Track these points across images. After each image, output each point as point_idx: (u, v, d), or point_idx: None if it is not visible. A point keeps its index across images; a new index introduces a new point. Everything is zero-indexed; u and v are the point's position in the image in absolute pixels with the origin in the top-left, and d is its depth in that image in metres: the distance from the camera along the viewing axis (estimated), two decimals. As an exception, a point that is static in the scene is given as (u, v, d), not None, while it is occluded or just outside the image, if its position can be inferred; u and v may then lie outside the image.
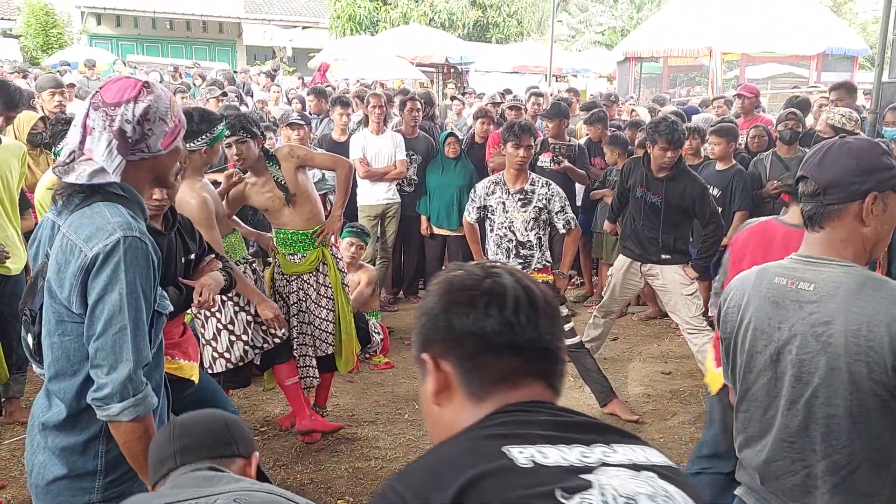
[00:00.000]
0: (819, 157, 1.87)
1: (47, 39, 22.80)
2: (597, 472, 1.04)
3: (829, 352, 1.78)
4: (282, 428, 4.61)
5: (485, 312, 1.16)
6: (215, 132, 3.89)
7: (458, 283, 1.20)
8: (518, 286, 1.19)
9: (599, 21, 31.73)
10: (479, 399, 1.17)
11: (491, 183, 4.92)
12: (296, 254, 4.46)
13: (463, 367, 1.18)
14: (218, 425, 1.89)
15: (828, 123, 5.79)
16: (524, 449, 1.04)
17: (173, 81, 13.46)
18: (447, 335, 1.18)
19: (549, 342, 1.20)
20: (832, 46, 14.86)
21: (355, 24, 24.85)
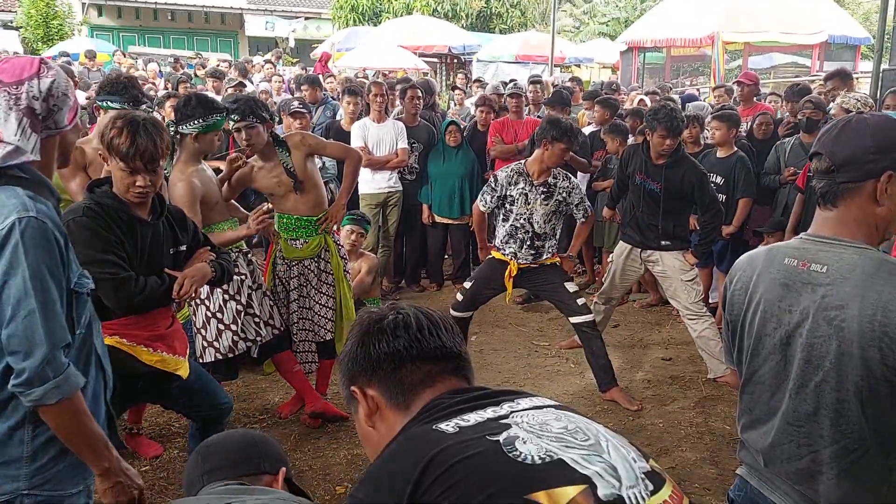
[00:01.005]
0: (835, 133, 1.82)
1: (48, 31, 22.75)
2: (511, 416, 1.29)
3: (841, 336, 1.74)
4: (281, 416, 4.61)
5: (394, 335, 1.39)
6: (209, 120, 3.88)
7: (368, 322, 1.43)
8: (419, 313, 1.44)
9: (603, 12, 31.61)
10: (405, 407, 1.38)
11: (514, 172, 4.88)
12: (298, 239, 4.46)
13: (385, 385, 1.39)
14: (242, 445, 1.94)
15: (842, 107, 5.70)
16: (449, 422, 1.27)
17: (174, 72, 13.42)
18: (367, 364, 1.40)
19: (452, 348, 1.43)
20: (834, 35, 14.78)
21: (358, 14, 24.76)
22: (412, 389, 1.38)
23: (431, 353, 1.40)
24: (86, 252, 2.76)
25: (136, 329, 3.00)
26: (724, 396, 4.90)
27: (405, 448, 1.26)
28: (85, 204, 2.87)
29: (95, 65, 15.03)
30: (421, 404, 1.36)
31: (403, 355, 1.38)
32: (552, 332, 6.26)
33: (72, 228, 2.77)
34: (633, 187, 5.28)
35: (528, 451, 1.19)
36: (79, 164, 3.97)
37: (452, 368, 1.42)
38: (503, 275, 4.92)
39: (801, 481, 1.88)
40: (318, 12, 29.09)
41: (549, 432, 1.25)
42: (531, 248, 4.87)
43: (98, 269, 2.77)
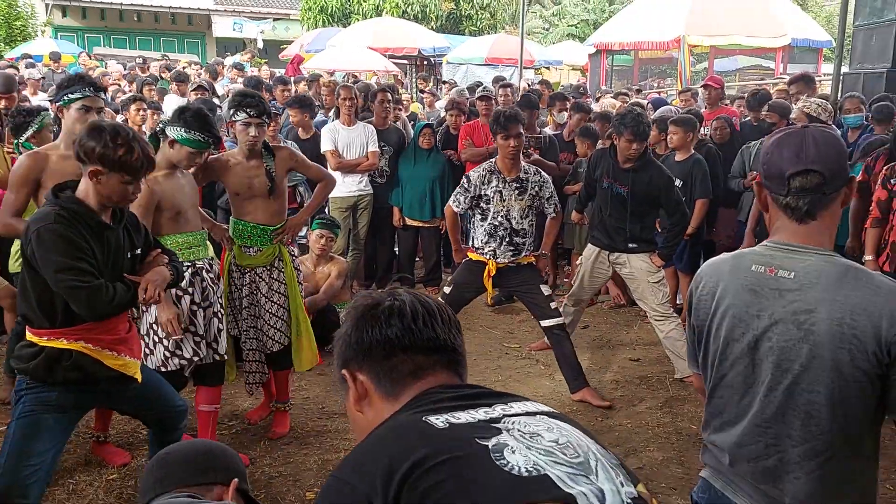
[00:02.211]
0: (814, 150, 1.84)
1: (10, 32, 22.39)
2: (502, 421, 1.27)
3: (811, 339, 1.79)
4: (250, 422, 4.59)
5: (388, 323, 1.38)
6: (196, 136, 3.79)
7: (364, 307, 1.42)
8: (416, 301, 1.42)
9: (573, 14, 31.81)
10: (394, 397, 1.37)
11: (486, 171, 4.91)
12: (252, 247, 4.35)
13: (375, 372, 1.38)
14: (195, 455, 1.95)
15: (803, 112, 5.82)
16: (439, 416, 1.26)
17: (141, 74, 13.28)
18: (359, 349, 1.39)
19: (446, 340, 1.41)
20: (797, 38, 15.04)
21: (327, 15, 24.67)
22: (402, 380, 1.37)
23: (424, 343, 1.38)
24: (58, 259, 2.77)
25: (99, 334, 3.00)
26: (691, 397, 4.96)
27: (393, 435, 1.26)
28: (54, 210, 2.83)
29: (60, 66, 14.82)
30: (410, 395, 1.36)
31: (395, 344, 1.37)
32: (522, 334, 6.30)
33: (43, 236, 2.76)
34: (600, 191, 5.33)
35: (515, 462, 1.19)
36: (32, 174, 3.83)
37: (445, 362, 1.41)
38: (482, 276, 4.96)
39: (765, 480, 1.92)
40: (287, 13, 28.96)
41: (539, 444, 1.24)
42: (510, 245, 4.90)
43: (72, 277, 2.78)
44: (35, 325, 2.95)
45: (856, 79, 9.40)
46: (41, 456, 2.95)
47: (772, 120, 6.23)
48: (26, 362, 2.93)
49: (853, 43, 9.70)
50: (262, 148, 4.26)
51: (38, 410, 2.95)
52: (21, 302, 3.00)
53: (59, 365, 2.93)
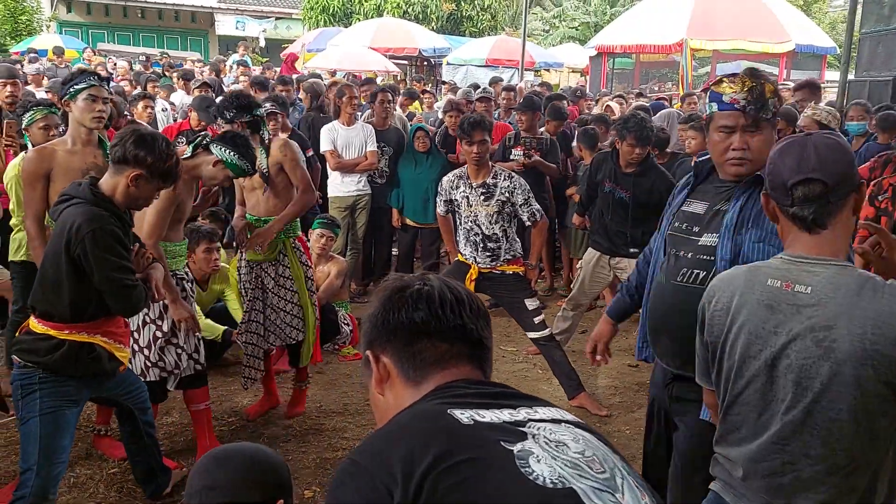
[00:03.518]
0: (815, 157, 1.82)
1: (16, 27, 22.41)
2: (527, 425, 1.24)
3: (832, 357, 1.74)
4: (248, 418, 4.61)
5: (415, 307, 1.35)
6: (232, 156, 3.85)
7: (392, 288, 1.40)
8: (445, 287, 1.39)
9: (573, 16, 31.84)
10: (416, 383, 1.35)
11: (455, 177, 4.96)
12: None
13: (399, 356, 1.36)
14: (246, 468, 1.91)
15: (814, 119, 5.82)
16: (464, 411, 1.23)
17: (145, 71, 13.31)
18: (384, 330, 1.37)
19: (473, 330, 1.38)
20: (801, 44, 15.05)
21: (329, 15, 24.72)
22: (425, 367, 1.35)
23: (450, 331, 1.35)
24: (114, 260, 2.87)
25: (112, 327, 3.09)
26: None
27: (415, 424, 1.23)
28: (101, 211, 2.92)
29: (63, 62, 14.83)
30: (433, 384, 1.33)
31: (421, 328, 1.35)
32: (519, 337, 6.29)
33: (99, 236, 2.84)
34: (602, 195, 5.34)
35: (540, 472, 1.15)
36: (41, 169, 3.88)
37: (469, 353, 1.38)
38: (466, 277, 4.95)
39: (779, 496, 1.88)
40: (289, 12, 29.00)
41: (565, 455, 1.20)
42: (486, 251, 4.85)
43: (124, 276, 2.91)
44: (55, 319, 2.96)
45: (861, 86, 9.41)
46: (66, 451, 3.03)
47: (779, 126, 6.20)
48: (44, 355, 2.94)
49: (859, 50, 9.73)
50: (258, 144, 4.29)
51: (61, 405, 2.98)
52: (44, 296, 2.98)
53: (81, 357, 2.98)
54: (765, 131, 2.50)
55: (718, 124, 2.51)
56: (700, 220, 2.64)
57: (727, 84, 2.49)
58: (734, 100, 2.46)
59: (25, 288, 4.05)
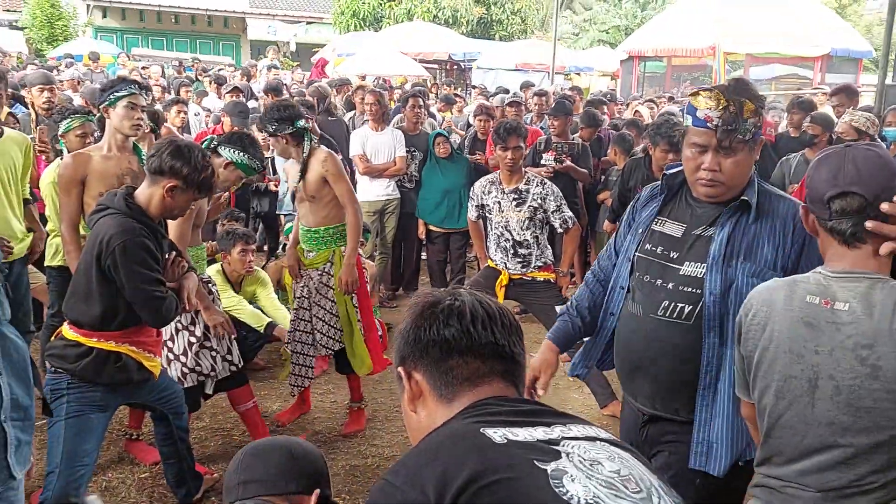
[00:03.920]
0: (853, 170, 1.77)
1: (52, 31, 22.83)
2: (561, 444, 1.23)
3: (880, 374, 1.70)
4: (280, 423, 4.61)
5: (446, 323, 1.35)
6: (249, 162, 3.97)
7: (424, 304, 1.40)
8: (476, 302, 1.38)
9: (603, 20, 31.70)
10: (448, 401, 1.35)
11: (487, 182, 4.96)
12: (311, 250, 4.46)
13: (431, 373, 1.36)
14: (280, 460, 1.92)
15: (851, 125, 5.71)
16: (497, 429, 1.22)
17: (178, 76, 13.46)
18: (416, 347, 1.37)
19: (505, 346, 1.37)
20: (836, 48, 14.85)
21: (359, 20, 24.85)
22: (457, 384, 1.34)
23: (482, 348, 1.34)
24: (144, 272, 2.90)
25: (142, 337, 3.12)
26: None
27: (449, 443, 1.22)
28: (133, 223, 2.94)
29: (99, 66, 15.05)
30: (465, 402, 1.32)
31: (452, 346, 1.34)
32: (551, 342, 6.25)
33: (129, 248, 2.87)
34: (634, 201, 5.28)
35: (574, 492, 1.13)
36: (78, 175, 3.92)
37: (501, 370, 1.36)
38: (496, 283, 4.92)
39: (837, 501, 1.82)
40: (320, 17, 29.16)
41: (600, 474, 1.18)
42: (516, 257, 4.83)
43: (154, 289, 2.93)
44: (85, 327, 3.00)
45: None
46: (91, 455, 3.05)
47: (813, 132, 6.11)
48: (73, 362, 2.98)
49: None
50: (302, 152, 4.31)
51: (86, 410, 3.02)
52: (75, 304, 3.03)
53: (108, 366, 3.02)
54: (740, 153, 2.24)
55: (691, 140, 2.30)
56: (678, 245, 2.37)
57: (703, 98, 2.24)
58: (707, 117, 2.22)
59: (61, 292, 4.09)
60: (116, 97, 3.95)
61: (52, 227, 4.70)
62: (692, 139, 2.29)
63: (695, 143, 2.28)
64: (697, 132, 2.26)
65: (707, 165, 2.26)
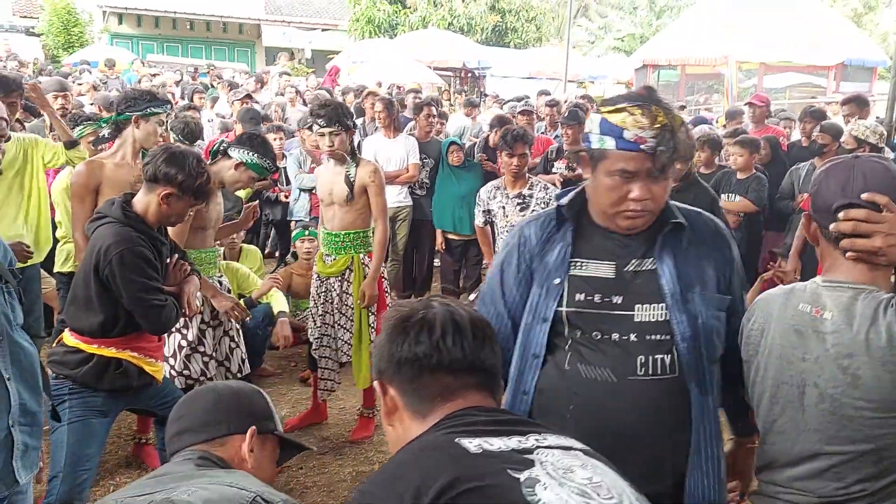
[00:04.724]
0: (861, 181, 1.75)
1: (69, 38, 22.99)
2: (535, 452, 1.24)
3: (860, 385, 1.71)
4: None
5: (416, 340, 1.36)
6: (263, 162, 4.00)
7: (396, 318, 1.41)
8: (448, 314, 1.38)
9: (619, 27, 31.67)
10: (423, 416, 1.36)
11: (493, 188, 5.08)
12: (330, 255, 4.48)
13: (404, 389, 1.38)
14: (206, 406, 1.86)
15: (852, 135, 5.72)
16: (472, 439, 1.23)
17: (193, 82, 13.55)
18: (390, 363, 1.39)
19: (474, 361, 1.37)
20: (851, 57, 14.77)
21: (374, 27, 24.92)
22: (430, 400, 1.36)
23: (451, 364, 1.35)
24: (142, 281, 2.91)
25: (142, 342, 3.13)
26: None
27: (423, 455, 1.24)
28: (131, 232, 2.96)
29: (114, 73, 15.19)
30: (439, 416, 1.34)
31: (423, 364, 1.35)
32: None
33: (127, 258, 2.88)
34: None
35: (547, 499, 1.14)
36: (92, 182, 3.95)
37: (474, 383, 1.37)
38: None
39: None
40: (335, 24, 29.29)
41: (572, 481, 1.20)
42: None
43: (153, 297, 2.95)
44: (86, 333, 3.03)
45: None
46: (93, 459, 3.07)
47: (823, 141, 6.10)
48: (73, 368, 3.01)
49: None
50: (349, 155, 4.33)
51: (88, 415, 3.04)
52: (76, 313, 3.05)
53: (108, 372, 3.04)
54: (670, 173, 1.94)
55: (616, 167, 1.91)
56: (616, 288, 2.00)
57: (631, 115, 1.87)
58: (639, 139, 1.86)
59: (72, 298, 4.15)
60: (152, 112, 4.02)
61: (64, 234, 4.75)
62: (618, 165, 1.91)
63: (621, 171, 1.91)
64: (625, 157, 1.89)
65: (637, 195, 1.91)
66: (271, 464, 1.93)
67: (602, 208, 2.00)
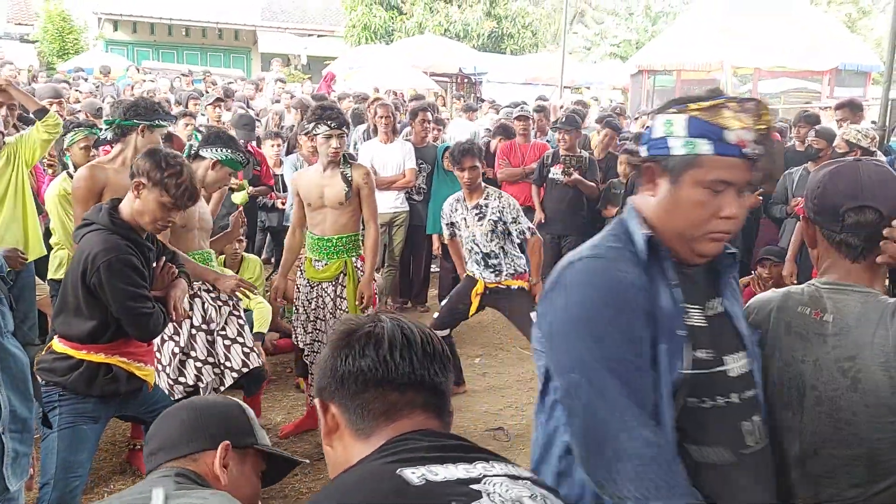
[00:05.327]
0: (869, 185, 1.74)
1: (64, 45, 22.97)
2: (483, 482, 1.16)
3: (859, 388, 1.69)
4: (281, 436, 4.61)
5: (362, 353, 1.27)
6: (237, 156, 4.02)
7: (342, 332, 1.32)
8: (396, 328, 1.30)
9: (614, 33, 31.74)
10: (365, 436, 1.27)
11: (454, 200, 5.18)
12: (320, 260, 4.48)
13: (347, 407, 1.28)
14: (179, 423, 1.85)
15: (843, 139, 5.74)
16: (415, 469, 1.15)
17: (186, 87, 13.52)
18: (332, 379, 1.29)
19: (424, 376, 1.28)
20: (845, 62, 14.83)
21: (370, 33, 24.94)
22: (374, 419, 1.27)
23: (399, 378, 1.26)
24: (130, 290, 2.89)
25: (132, 348, 3.12)
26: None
27: (364, 488, 1.16)
28: (119, 239, 2.93)
29: (110, 80, 15.17)
30: (383, 438, 1.25)
31: (368, 377, 1.26)
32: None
33: (114, 266, 2.85)
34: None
35: None
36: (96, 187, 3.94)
37: (422, 402, 1.29)
38: (472, 291, 5.11)
39: None
40: (332, 30, 29.30)
41: None
42: (488, 267, 5.04)
43: (141, 305, 2.93)
44: (75, 340, 3.01)
45: (905, 104, 9.23)
46: (84, 466, 3.06)
47: (818, 146, 6.12)
48: (63, 375, 2.99)
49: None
50: (342, 158, 4.39)
51: (79, 422, 3.02)
52: (66, 320, 3.03)
53: (98, 378, 3.02)
54: None
55: (710, 177, 1.57)
56: (710, 339, 1.65)
57: (732, 113, 1.55)
58: (743, 142, 1.54)
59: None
60: (160, 124, 4.05)
61: (57, 241, 4.73)
62: (714, 174, 1.56)
63: (717, 181, 1.57)
64: (725, 164, 1.56)
65: (733, 211, 1.58)
66: (252, 479, 1.89)
67: (680, 230, 1.62)
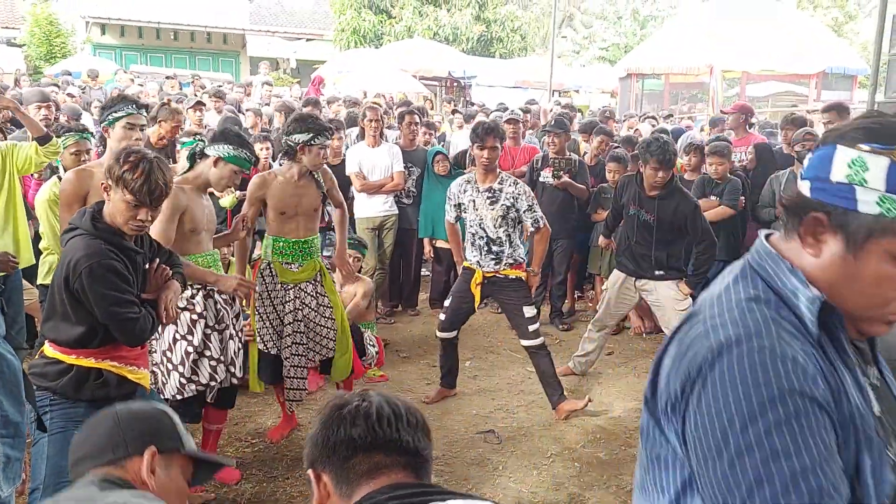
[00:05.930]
0: None
1: (51, 48, 22.83)
2: None
3: None
4: (272, 440, 4.61)
5: (353, 423, 1.40)
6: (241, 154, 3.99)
7: (332, 406, 1.45)
8: (384, 403, 1.44)
9: (603, 37, 31.86)
10: (348, 497, 1.38)
11: (464, 181, 5.10)
12: (293, 263, 4.49)
13: (336, 473, 1.39)
14: (104, 429, 1.84)
15: None
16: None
17: (171, 91, 13.45)
18: (324, 448, 1.41)
19: (409, 442, 1.41)
20: (832, 65, 14.95)
21: (360, 37, 24.94)
22: (357, 480, 1.38)
23: (385, 444, 1.39)
24: (113, 295, 2.85)
25: (123, 351, 3.08)
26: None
27: None
28: (101, 244, 2.89)
29: (97, 83, 15.10)
30: (362, 493, 1.36)
31: (358, 444, 1.38)
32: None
33: (96, 272, 2.81)
34: (626, 217, 5.33)
35: None
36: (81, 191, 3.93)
37: (404, 462, 1.41)
38: (471, 282, 5.07)
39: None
40: (321, 34, 29.28)
41: None
42: (490, 254, 4.98)
43: (125, 310, 2.88)
44: (64, 344, 2.99)
45: (891, 108, 9.28)
46: None
47: (809, 147, 6.19)
48: (53, 380, 2.97)
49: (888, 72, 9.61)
50: None
51: (70, 426, 2.99)
52: (55, 325, 3.01)
53: (88, 382, 2.99)
54: None
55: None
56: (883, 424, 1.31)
57: None
58: None
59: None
60: (115, 118, 3.95)
61: (46, 245, 4.72)
62: None
63: None
64: None
65: None
66: (180, 483, 1.90)
67: (852, 307, 1.27)
